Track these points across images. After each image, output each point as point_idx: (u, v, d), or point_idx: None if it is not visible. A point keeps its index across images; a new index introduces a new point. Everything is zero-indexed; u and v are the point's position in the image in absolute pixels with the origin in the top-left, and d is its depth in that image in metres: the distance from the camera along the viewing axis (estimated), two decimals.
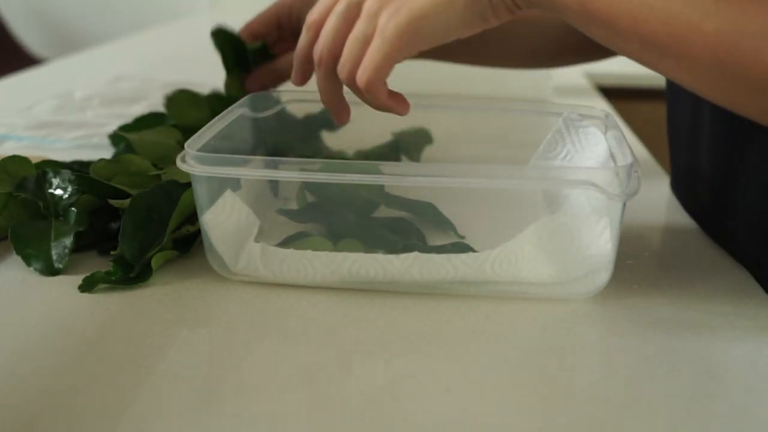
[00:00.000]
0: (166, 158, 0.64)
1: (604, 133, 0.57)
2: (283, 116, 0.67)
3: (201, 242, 0.56)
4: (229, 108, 0.60)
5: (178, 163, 0.49)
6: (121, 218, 0.53)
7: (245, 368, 0.43)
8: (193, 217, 0.55)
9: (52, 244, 0.54)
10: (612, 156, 0.52)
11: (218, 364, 0.44)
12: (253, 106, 0.63)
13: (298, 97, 0.67)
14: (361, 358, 0.44)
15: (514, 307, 0.49)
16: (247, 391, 0.41)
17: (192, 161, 0.49)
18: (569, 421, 0.40)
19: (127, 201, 0.54)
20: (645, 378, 0.43)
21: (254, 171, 0.50)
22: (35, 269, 0.53)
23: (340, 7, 0.49)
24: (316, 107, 0.72)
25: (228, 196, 0.51)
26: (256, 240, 0.52)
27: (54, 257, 0.53)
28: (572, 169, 0.53)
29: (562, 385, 0.43)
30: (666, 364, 0.45)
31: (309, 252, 0.50)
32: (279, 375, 0.43)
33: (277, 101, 0.66)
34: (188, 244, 0.55)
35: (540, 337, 0.47)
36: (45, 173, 0.58)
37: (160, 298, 0.50)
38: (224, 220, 0.51)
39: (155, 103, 0.96)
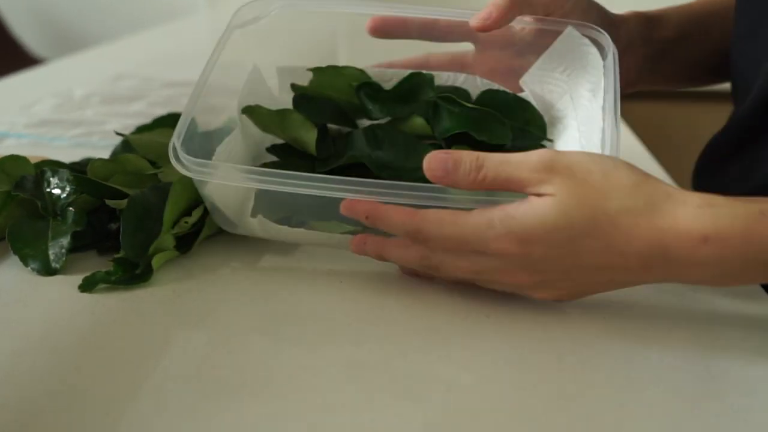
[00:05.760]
0: (164, 157, 0.64)
1: (604, 59, 0.56)
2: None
3: (201, 242, 0.56)
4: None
5: (173, 161, 0.49)
6: (120, 218, 0.53)
7: (245, 368, 0.43)
8: (190, 209, 0.55)
9: (50, 244, 0.54)
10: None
11: (218, 364, 0.44)
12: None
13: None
14: (361, 358, 0.44)
15: (515, 307, 0.49)
16: (247, 391, 0.41)
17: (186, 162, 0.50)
18: (569, 421, 0.40)
19: (125, 201, 0.54)
20: (645, 378, 0.43)
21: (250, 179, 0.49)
22: (32, 269, 0.53)
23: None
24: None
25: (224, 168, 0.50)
26: (253, 215, 0.52)
27: (51, 257, 0.53)
28: None
29: (562, 385, 0.42)
30: (666, 364, 0.45)
31: (303, 230, 0.52)
32: (279, 375, 0.43)
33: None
34: (189, 244, 0.55)
35: (540, 337, 0.47)
36: (43, 172, 0.58)
37: (160, 298, 0.50)
38: (224, 189, 0.52)
39: (155, 102, 0.96)
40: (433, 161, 0.46)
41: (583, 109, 0.57)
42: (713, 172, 0.68)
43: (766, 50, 0.61)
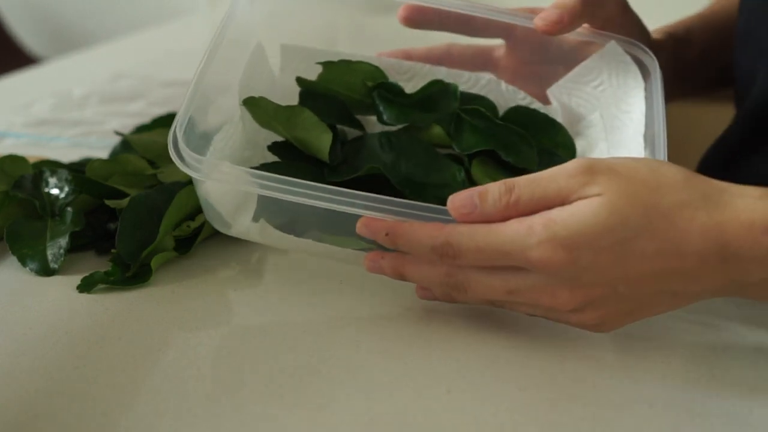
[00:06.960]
0: (163, 157, 0.64)
1: (645, 80, 0.54)
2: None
3: (201, 243, 0.55)
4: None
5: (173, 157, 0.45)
6: (119, 218, 0.53)
7: (245, 368, 0.43)
8: (193, 213, 0.55)
9: (48, 245, 0.54)
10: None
11: (218, 364, 0.44)
12: None
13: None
14: (360, 358, 0.44)
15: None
16: (247, 391, 0.41)
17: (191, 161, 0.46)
18: (570, 421, 0.40)
19: (125, 201, 0.54)
20: (645, 378, 0.43)
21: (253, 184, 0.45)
22: (30, 269, 0.52)
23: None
24: None
25: (226, 167, 0.46)
26: (255, 219, 0.48)
27: (49, 257, 0.53)
28: None
29: (562, 386, 0.42)
30: (666, 364, 0.44)
31: (310, 242, 0.48)
32: (279, 375, 0.42)
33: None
34: (188, 244, 0.55)
35: (540, 337, 0.47)
36: (42, 172, 0.58)
37: (158, 299, 0.50)
38: (222, 187, 0.47)
39: (154, 102, 0.96)
40: (457, 200, 0.41)
41: (615, 131, 0.55)
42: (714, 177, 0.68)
43: (760, 51, 0.59)
